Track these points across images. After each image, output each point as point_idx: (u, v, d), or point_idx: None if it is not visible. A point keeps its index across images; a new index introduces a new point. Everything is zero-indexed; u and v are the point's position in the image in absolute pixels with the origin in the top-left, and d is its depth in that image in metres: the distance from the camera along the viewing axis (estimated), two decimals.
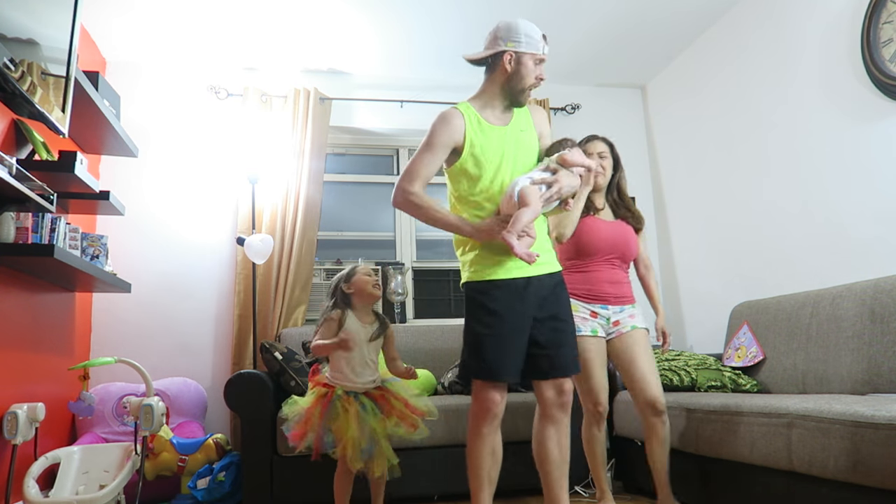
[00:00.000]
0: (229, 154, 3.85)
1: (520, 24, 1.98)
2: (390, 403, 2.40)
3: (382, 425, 2.35)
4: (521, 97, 2.03)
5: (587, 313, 2.48)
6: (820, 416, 1.84)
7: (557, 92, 4.33)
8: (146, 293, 3.62)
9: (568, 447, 2.07)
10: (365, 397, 2.39)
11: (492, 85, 2.03)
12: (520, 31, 1.96)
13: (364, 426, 2.31)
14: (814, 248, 3.00)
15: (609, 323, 2.49)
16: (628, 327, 2.47)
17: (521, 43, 1.95)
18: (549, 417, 2.03)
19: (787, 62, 3.18)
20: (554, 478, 2.02)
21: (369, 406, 2.37)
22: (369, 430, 2.31)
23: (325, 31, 3.65)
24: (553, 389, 2.01)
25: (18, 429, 2.38)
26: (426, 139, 1.97)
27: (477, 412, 1.98)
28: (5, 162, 2.05)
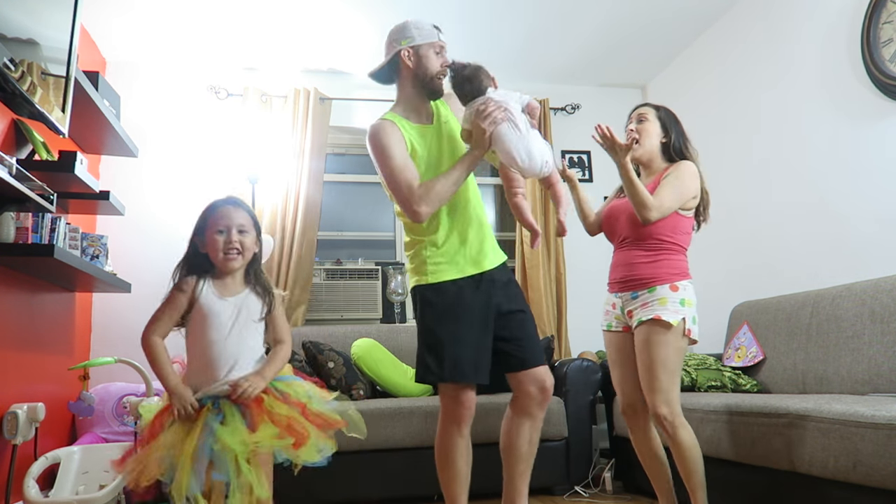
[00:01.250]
0: (229, 154, 3.84)
1: (408, 22, 2.01)
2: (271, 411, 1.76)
3: (244, 440, 1.67)
4: (433, 84, 2.00)
5: (609, 304, 2.24)
6: (820, 416, 1.84)
7: (557, 92, 4.33)
8: (146, 293, 3.59)
9: (537, 443, 2.06)
10: (228, 403, 1.74)
11: (403, 87, 2.04)
12: (409, 28, 1.99)
13: (207, 439, 1.66)
14: (814, 248, 3.00)
15: (624, 314, 2.18)
16: (635, 321, 2.10)
17: (413, 38, 1.98)
18: (526, 412, 2.01)
19: (787, 62, 3.18)
20: (518, 471, 2.03)
21: (229, 414, 1.72)
22: (217, 446, 1.66)
23: (325, 31, 3.65)
24: (534, 386, 1.98)
25: (18, 429, 2.38)
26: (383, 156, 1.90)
27: (450, 416, 1.95)
28: (5, 162, 2.05)
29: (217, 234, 1.87)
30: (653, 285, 2.07)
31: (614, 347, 2.22)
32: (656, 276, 2.07)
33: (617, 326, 2.21)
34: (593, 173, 4.34)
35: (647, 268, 2.09)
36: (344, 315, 3.99)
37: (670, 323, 2.00)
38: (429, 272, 1.95)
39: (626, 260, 2.16)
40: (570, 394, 3.13)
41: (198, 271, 1.91)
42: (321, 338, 3.46)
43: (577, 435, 3.09)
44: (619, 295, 2.18)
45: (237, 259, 1.87)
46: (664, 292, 2.05)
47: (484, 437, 2.82)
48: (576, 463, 3.07)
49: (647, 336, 2.04)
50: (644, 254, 2.11)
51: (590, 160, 4.36)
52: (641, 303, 2.08)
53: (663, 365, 2.01)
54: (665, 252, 2.10)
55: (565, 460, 3.06)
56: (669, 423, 2.00)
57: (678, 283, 2.07)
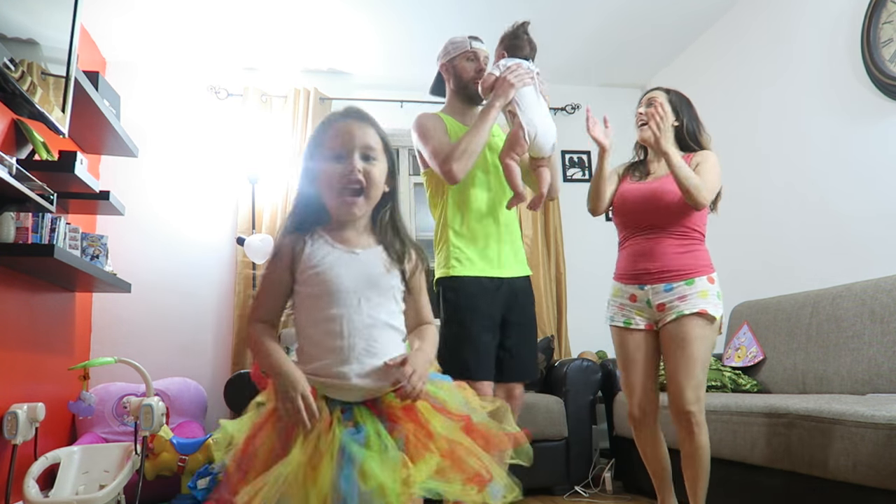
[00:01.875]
0: (229, 154, 3.85)
1: (448, 40, 2.21)
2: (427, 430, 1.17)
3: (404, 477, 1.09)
4: (469, 90, 2.15)
5: (626, 297, 2.09)
6: (820, 416, 1.84)
7: (557, 92, 4.33)
8: (146, 293, 3.62)
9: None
10: (367, 412, 1.19)
11: (449, 97, 2.23)
12: (445, 46, 2.20)
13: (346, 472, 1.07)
14: (814, 248, 3.00)
15: (652, 307, 2.04)
16: (673, 314, 1.97)
17: (448, 53, 2.18)
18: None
19: (787, 62, 3.18)
20: None
21: (371, 431, 1.15)
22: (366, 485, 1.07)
23: (325, 31, 3.65)
24: (503, 392, 2.03)
25: (18, 429, 2.38)
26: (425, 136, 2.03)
27: None
28: (5, 162, 2.05)
29: (332, 163, 1.27)
30: (691, 276, 1.97)
31: (633, 346, 2.06)
32: (693, 267, 1.99)
33: (638, 323, 2.06)
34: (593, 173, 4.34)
35: (683, 258, 2.00)
36: None
37: (714, 317, 1.95)
38: (452, 266, 2.01)
39: (654, 250, 2.02)
40: (570, 394, 3.13)
41: (308, 227, 1.30)
42: None
43: (577, 435, 3.09)
44: (644, 287, 2.03)
45: (359, 199, 1.27)
46: (704, 284, 1.97)
47: None
48: (576, 463, 3.07)
49: (689, 330, 1.93)
50: (677, 243, 2.02)
51: (589, 160, 4.37)
52: (678, 295, 1.97)
53: (702, 362, 1.94)
54: (695, 242, 2.04)
55: (565, 460, 3.06)
56: (696, 422, 1.92)
57: (713, 276, 2.02)
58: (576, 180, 4.32)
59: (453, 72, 2.16)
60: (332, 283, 1.25)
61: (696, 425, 1.93)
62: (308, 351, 1.28)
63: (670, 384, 1.96)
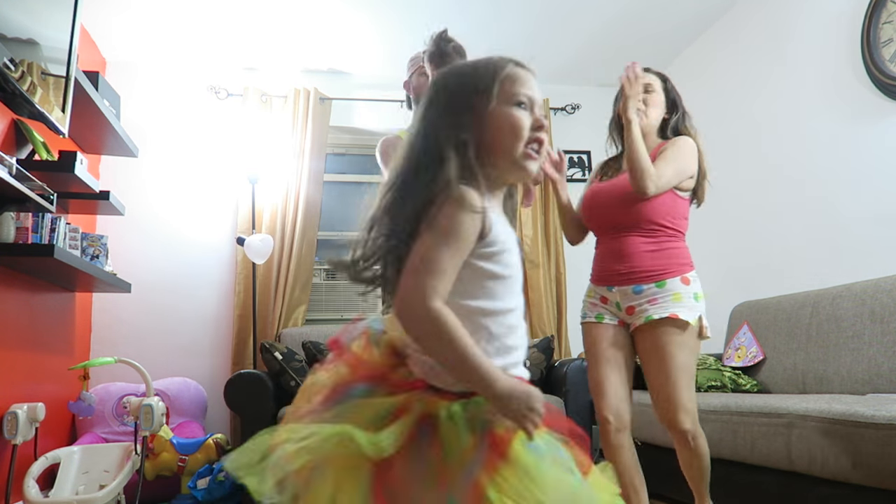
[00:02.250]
0: (229, 154, 3.85)
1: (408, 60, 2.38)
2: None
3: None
4: None
5: (597, 298, 1.97)
6: (820, 416, 1.84)
7: (557, 92, 4.33)
8: (146, 293, 3.62)
9: None
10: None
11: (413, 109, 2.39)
12: (407, 66, 2.37)
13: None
14: (814, 248, 3.00)
15: (622, 310, 1.90)
16: (642, 318, 1.82)
17: (407, 71, 2.37)
18: None
19: (787, 62, 3.18)
20: None
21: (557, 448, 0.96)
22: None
23: (325, 31, 3.65)
24: None
25: (18, 429, 2.38)
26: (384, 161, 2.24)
27: None
28: (5, 162, 2.05)
29: (515, 109, 1.01)
30: (661, 278, 1.82)
31: (605, 342, 1.89)
32: (664, 267, 1.83)
33: (610, 320, 1.92)
34: None
35: (652, 258, 1.84)
36: (344, 315, 3.99)
37: (688, 322, 1.77)
38: None
39: (623, 249, 1.88)
40: (570, 394, 3.13)
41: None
42: (321, 338, 3.46)
43: None
44: (614, 289, 1.90)
45: (540, 158, 1.06)
46: (676, 286, 1.81)
47: None
48: None
49: (661, 337, 1.79)
50: (645, 241, 1.86)
51: (590, 160, 4.37)
52: (648, 298, 1.82)
53: (685, 371, 1.78)
54: (669, 240, 1.88)
55: None
56: (692, 435, 1.79)
57: (688, 275, 1.85)
58: (576, 180, 4.32)
59: (410, 88, 2.34)
60: (516, 267, 1.02)
61: (692, 439, 1.80)
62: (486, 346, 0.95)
63: (656, 399, 1.82)
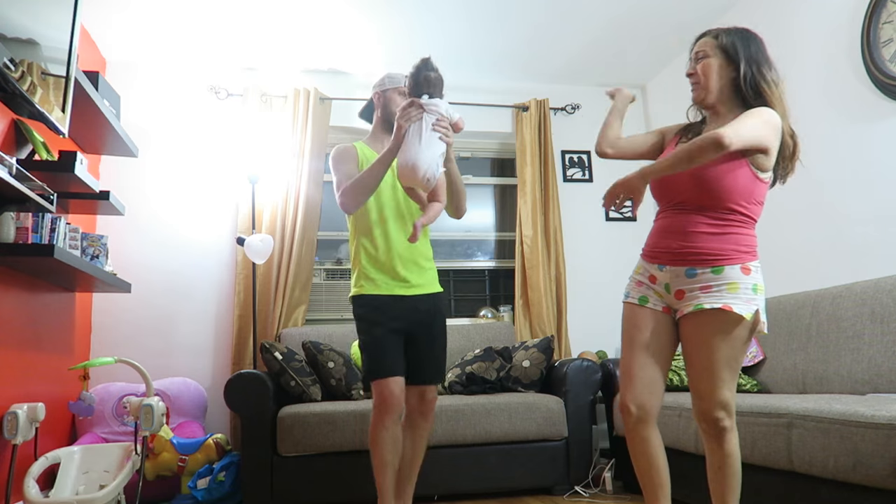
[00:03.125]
0: (229, 154, 3.85)
1: (385, 74, 2.41)
2: None
3: None
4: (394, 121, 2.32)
5: (645, 276, 1.81)
6: (820, 416, 1.84)
7: (557, 92, 4.34)
8: (146, 293, 3.62)
9: (423, 449, 2.32)
10: None
11: (375, 124, 2.42)
12: (382, 79, 2.38)
13: None
14: (814, 248, 3.00)
15: (671, 293, 1.74)
16: (691, 306, 1.68)
17: (384, 84, 2.37)
18: (409, 420, 2.30)
19: (787, 62, 3.18)
20: (403, 475, 2.29)
21: None
22: None
23: (325, 32, 3.65)
24: (416, 396, 2.29)
25: (18, 429, 2.38)
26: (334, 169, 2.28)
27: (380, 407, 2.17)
28: (5, 162, 2.05)
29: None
30: (720, 264, 1.66)
31: (645, 327, 1.75)
32: (725, 252, 1.66)
33: (655, 304, 1.77)
34: (593, 173, 4.34)
35: (714, 240, 1.67)
36: (344, 315, 3.99)
37: (742, 316, 1.62)
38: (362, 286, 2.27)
39: (684, 226, 1.72)
40: (570, 394, 3.13)
41: None
42: (321, 338, 3.46)
43: (577, 435, 3.09)
44: (665, 268, 1.74)
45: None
46: (734, 275, 1.65)
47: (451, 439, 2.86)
48: (576, 463, 3.07)
49: (710, 328, 1.64)
50: (710, 223, 1.69)
51: (590, 160, 4.37)
52: (702, 284, 1.67)
53: (729, 365, 1.64)
54: (737, 225, 1.69)
55: (565, 460, 3.06)
56: (724, 428, 1.66)
57: (750, 265, 1.68)
58: (576, 180, 4.32)
59: (384, 101, 2.36)
60: None
61: (723, 431, 1.66)
62: None
63: (692, 390, 1.71)
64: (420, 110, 2.07)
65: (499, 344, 3.60)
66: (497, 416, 2.99)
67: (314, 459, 2.85)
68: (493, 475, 2.99)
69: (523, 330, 3.96)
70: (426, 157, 2.03)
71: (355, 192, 2.17)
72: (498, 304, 4.29)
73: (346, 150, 2.32)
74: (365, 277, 2.27)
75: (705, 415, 1.67)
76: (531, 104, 4.19)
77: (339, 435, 2.85)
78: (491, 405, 3.01)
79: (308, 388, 3.10)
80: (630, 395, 1.74)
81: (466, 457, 2.96)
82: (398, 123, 2.08)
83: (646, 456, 1.75)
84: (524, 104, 4.20)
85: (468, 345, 3.62)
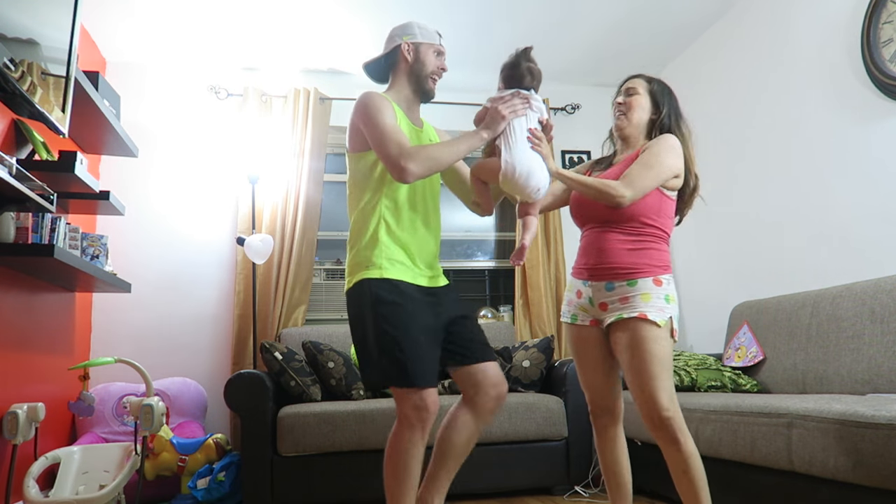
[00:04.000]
0: (229, 154, 3.85)
1: (412, 21, 2.01)
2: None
3: None
4: (426, 84, 2.00)
5: (573, 292, 1.97)
6: (820, 416, 1.84)
7: (557, 92, 4.34)
8: (146, 293, 3.62)
9: (471, 448, 1.93)
10: None
11: (398, 79, 2.01)
12: (413, 26, 2.00)
13: None
14: (814, 248, 3.00)
15: (594, 306, 1.89)
16: (613, 316, 1.82)
17: (416, 35, 1.98)
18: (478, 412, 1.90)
19: (787, 62, 3.18)
20: (447, 469, 1.90)
21: None
22: None
23: (324, 32, 3.65)
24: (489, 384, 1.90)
25: (18, 429, 2.38)
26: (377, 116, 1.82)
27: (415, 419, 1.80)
28: (5, 162, 2.05)
29: None
30: (633, 277, 1.81)
31: (581, 343, 1.93)
32: (638, 266, 1.81)
33: (583, 320, 1.92)
34: None
35: (628, 256, 1.83)
36: (344, 315, 3.99)
37: (657, 323, 1.76)
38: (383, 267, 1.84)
39: (601, 244, 1.87)
40: (569, 394, 3.13)
41: None
42: (321, 338, 3.46)
43: (577, 435, 3.09)
44: (588, 283, 1.89)
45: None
46: (647, 286, 1.79)
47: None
48: (576, 463, 3.07)
49: (634, 334, 1.77)
50: (624, 239, 1.85)
51: (590, 160, 4.36)
52: (619, 296, 1.82)
53: (660, 361, 1.75)
54: (648, 239, 1.85)
55: (565, 460, 3.06)
56: (674, 428, 1.72)
57: (661, 277, 1.82)
58: None
59: (416, 57, 1.97)
60: None
61: (677, 432, 1.73)
62: None
63: (636, 394, 1.78)
64: (526, 105, 1.85)
65: (499, 344, 3.60)
66: (497, 416, 2.99)
67: (314, 459, 2.85)
68: (493, 475, 2.99)
69: (523, 330, 3.96)
70: (541, 164, 1.83)
71: (427, 162, 1.76)
72: (498, 304, 4.29)
73: (383, 99, 1.87)
74: (388, 258, 1.84)
75: (653, 418, 1.74)
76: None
77: (339, 435, 2.85)
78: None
79: (308, 388, 3.10)
80: (593, 403, 1.94)
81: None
82: (502, 114, 1.82)
83: (613, 455, 1.94)
84: None
85: None
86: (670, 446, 1.74)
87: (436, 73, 2.01)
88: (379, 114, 1.82)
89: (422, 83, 1.99)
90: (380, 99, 1.87)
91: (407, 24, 2.02)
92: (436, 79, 2.01)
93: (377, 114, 1.82)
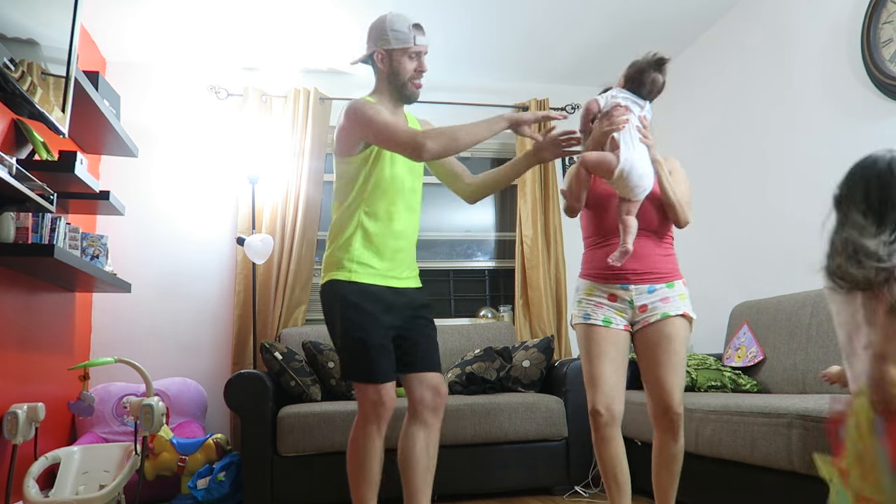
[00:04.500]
0: (229, 154, 3.85)
1: (385, 21, 1.98)
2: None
3: None
4: (405, 90, 2.02)
5: (604, 296, 2.04)
6: (820, 416, 1.84)
7: (557, 92, 4.33)
8: (146, 293, 3.62)
9: (436, 454, 2.01)
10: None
11: (380, 83, 2.05)
12: (386, 30, 1.97)
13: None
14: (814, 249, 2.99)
15: (633, 308, 2.01)
16: (658, 315, 1.98)
17: (388, 41, 1.96)
18: (418, 419, 1.99)
19: (787, 62, 3.18)
20: (416, 485, 1.96)
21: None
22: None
23: (325, 32, 3.65)
24: (427, 388, 1.99)
25: (18, 429, 2.38)
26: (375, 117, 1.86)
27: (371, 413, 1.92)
28: (5, 162, 2.05)
29: None
30: (671, 280, 2.03)
31: (607, 341, 1.99)
32: (671, 271, 2.05)
33: (618, 324, 2.01)
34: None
35: (665, 262, 2.04)
36: None
37: (693, 319, 2.03)
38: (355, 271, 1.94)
39: (638, 250, 1.97)
40: (569, 394, 3.13)
41: None
42: (321, 338, 3.46)
43: (577, 435, 3.09)
44: (629, 287, 2.00)
45: None
46: (681, 288, 2.04)
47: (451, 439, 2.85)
48: (576, 463, 3.07)
49: (676, 332, 1.97)
50: (656, 244, 2.04)
51: None
52: (661, 297, 2.00)
53: (684, 360, 2.00)
54: (671, 246, 2.10)
55: (565, 460, 3.06)
56: (680, 424, 1.95)
57: (683, 280, 2.09)
58: None
59: (389, 66, 1.98)
60: None
61: (681, 428, 1.95)
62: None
63: (657, 386, 1.96)
64: (627, 115, 1.93)
65: (499, 344, 3.60)
66: (497, 416, 2.99)
67: (314, 459, 2.85)
68: (493, 475, 2.99)
69: (523, 330, 3.96)
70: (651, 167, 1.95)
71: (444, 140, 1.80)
72: (498, 304, 4.29)
73: (372, 104, 1.93)
74: (357, 262, 1.93)
75: (670, 410, 1.92)
76: (531, 104, 4.19)
77: (339, 435, 2.85)
78: (491, 405, 3.01)
79: (308, 388, 3.10)
80: (599, 400, 1.96)
81: (466, 457, 2.96)
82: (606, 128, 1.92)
83: (612, 456, 1.98)
84: (524, 104, 4.20)
85: (468, 345, 3.62)
86: (671, 440, 1.95)
87: (414, 77, 2.01)
88: (377, 114, 1.88)
89: (401, 90, 2.02)
90: (369, 104, 1.92)
91: (381, 26, 1.98)
92: (416, 82, 2.02)
93: (375, 114, 1.87)
